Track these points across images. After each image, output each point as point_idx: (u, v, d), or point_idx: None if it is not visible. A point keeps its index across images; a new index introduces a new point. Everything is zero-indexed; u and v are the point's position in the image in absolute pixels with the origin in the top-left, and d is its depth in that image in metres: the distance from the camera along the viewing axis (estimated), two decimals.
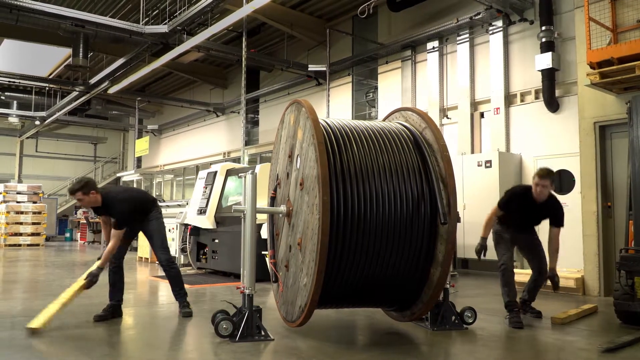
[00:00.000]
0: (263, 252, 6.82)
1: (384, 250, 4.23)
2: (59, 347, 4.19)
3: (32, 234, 17.58)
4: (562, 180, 9.30)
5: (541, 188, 5.30)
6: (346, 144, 4.34)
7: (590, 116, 7.23)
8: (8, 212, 17.24)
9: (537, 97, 10.08)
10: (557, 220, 5.49)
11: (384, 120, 5.39)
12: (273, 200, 5.14)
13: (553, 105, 9.64)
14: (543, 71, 9.57)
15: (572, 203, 8.73)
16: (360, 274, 4.25)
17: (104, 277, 5.36)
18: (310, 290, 4.01)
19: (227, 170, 9.69)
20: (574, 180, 9.15)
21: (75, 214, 22.88)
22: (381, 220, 4.18)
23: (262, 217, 7.85)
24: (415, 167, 4.42)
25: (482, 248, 5.40)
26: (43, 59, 17.66)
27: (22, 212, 17.54)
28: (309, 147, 4.19)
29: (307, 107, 4.32)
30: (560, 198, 9.01)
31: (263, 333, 4.45)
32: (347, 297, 4.48)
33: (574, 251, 8.11)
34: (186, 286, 7.89)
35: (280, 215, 4.85)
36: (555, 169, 9.30)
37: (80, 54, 12.73)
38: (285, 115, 5.10)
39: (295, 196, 4.55)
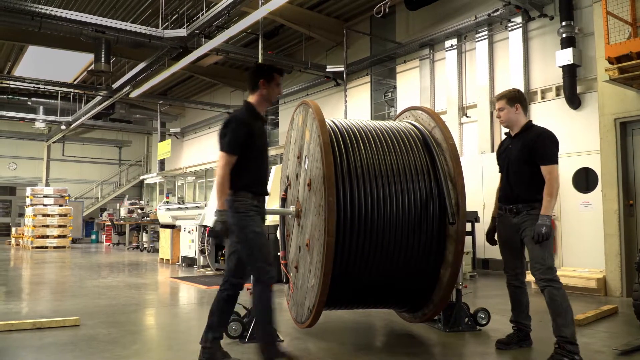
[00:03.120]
0: (279, 253, 6.82)
1: (393, 251, 4.19)
2: (73, 347, 4.25)
3: (59, 236, 17.92)
4: (589, 179, 9.10)
5: (497, 112, 4.29)
6: (353, 144, 4.32)
7: (610, 112, 7.06)
8: (35, 215, 17.63)
9: (558, 94, 9.89)
10: (537, 154, 4.00)
11: (395, 119, 5.35)
12: (284, 202, 5.14)
13: (574, 102, 9.44)
14: (564, 67, 9.38)
15: (595, 202, 8.55)
16: (368, 275, 4.22)
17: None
18: (317, 292, 3.99)
19: None
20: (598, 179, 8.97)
21: (101, 216, 23.28)
22: (389, 221, 4.14)
23: (277, 218, 7.87)
24: (424, 166, 4.37)
25: (488, 231, 4.45)
26: (67, 65, 18.02)
27: (48, 215, 17.90)
28: (315, 148, 4.18)
29: (313, 107, 4.31)
30: (584, 197, 8.93)
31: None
32: (356, 298, 4.46)
33: (595, 251, 7.94)
34: (204, 287, 8.05)
35: (290, 216, 4.85)
36: (578, 168, 9.13)
37: (102, 59, 12.93)
38: (294, 116, 5.10)
39: (304, 197, 4.54)
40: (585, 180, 9.15)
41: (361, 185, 4.13)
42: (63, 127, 21.63)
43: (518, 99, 4.26)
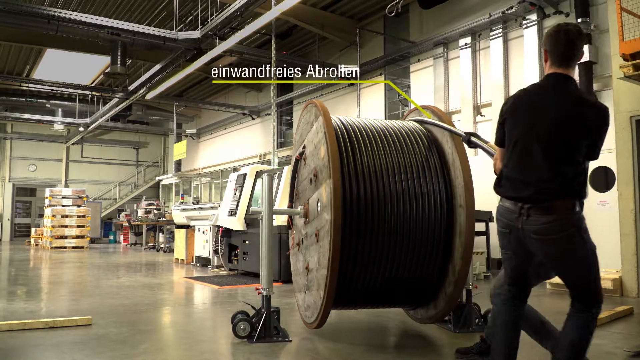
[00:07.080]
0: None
1: (399, 254, 4.15)
2: (83, 346, 4.31)
3: (77, 237, 18.16)
4: (608, 178, 8.94)
5: None
6: (360, 144, 4.29)
7: (626, 110, 6.95)
8: (54, 216, 17.89)
9: None
10: None
11: (403, 119, 5.33)
12: (297, 163, 5.07)
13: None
14: (580, 64, 9.22)
15: (612, 201, 8.40)
16: (375, 276, 4.19)
17: None
18: (321, 308, 4.02)
19: (257, 172, 9.71)
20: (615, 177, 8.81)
21: (119, 217, 23.54)
22: (395, 223, 4.11)
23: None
24: (432, 165, 4.34)
25: None
26: (85, 68, 18.23)
27: (67, 216, 18.15)
28: (324, 167, 4.11)
29: (324, 117, 4.16)
30: (601, 196, 8.77)
31: (281, 334, 4.46)
32: (362, 299, 4.44)
33: (612, 251, 7.79)
34: (217, 287, 8.09)
35: (298, 216, 4.85)
36: (596, 167, 8.96)
37: (119, 62, 13.10)
38: (308, 109, 5.08)
39: (312, 199, 4.52)
40: (604, 179, 8.98)
41: (367, 184, 4.10)
42: (81, 129, 21.94)
43: (546, 42, 2.99)
